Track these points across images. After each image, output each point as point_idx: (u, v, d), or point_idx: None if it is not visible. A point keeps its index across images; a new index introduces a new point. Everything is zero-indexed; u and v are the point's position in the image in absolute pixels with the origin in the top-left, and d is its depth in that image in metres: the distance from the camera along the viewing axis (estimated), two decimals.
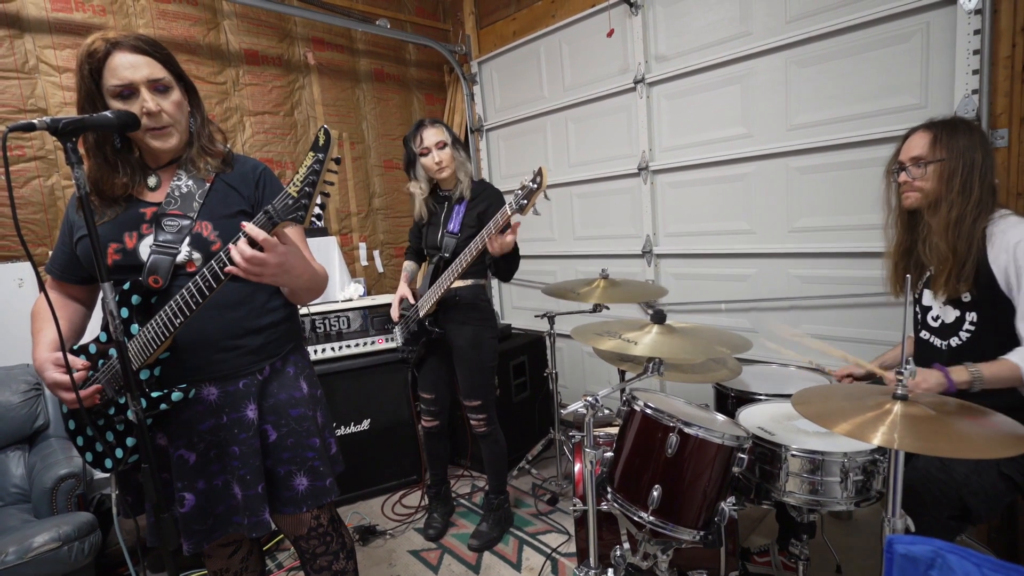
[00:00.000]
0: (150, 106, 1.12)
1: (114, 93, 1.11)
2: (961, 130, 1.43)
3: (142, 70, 1.11)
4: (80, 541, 1.73)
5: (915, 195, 1.48)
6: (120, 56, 1.10)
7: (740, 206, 2.54)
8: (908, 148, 1.50)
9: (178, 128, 1.19)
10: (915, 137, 1.49)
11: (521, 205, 1.67)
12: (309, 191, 1.00)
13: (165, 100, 1.15)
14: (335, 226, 3.41)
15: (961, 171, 1.40)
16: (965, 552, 0.76)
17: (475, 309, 2.12)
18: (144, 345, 1.13)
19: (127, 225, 1.18)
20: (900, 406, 1.04)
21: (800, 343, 1.69)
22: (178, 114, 1.18)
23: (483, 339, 2.13)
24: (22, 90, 2.35)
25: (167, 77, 1.15)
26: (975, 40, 1.83)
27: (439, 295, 2.02)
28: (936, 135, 1.44)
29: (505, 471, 2.33)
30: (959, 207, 1.39)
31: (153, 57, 1.14)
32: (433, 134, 2.02)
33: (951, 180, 1.41)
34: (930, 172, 1.44)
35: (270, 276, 1.07)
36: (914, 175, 1.47)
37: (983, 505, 1.33)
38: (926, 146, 1.45)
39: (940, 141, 1.43)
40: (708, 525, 1.34)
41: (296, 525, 1.34)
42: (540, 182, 1.63)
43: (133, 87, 1.11)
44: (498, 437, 2.24)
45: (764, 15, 2.34)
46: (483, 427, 2.19)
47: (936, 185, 1.44)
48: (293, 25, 3.16)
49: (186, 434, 1.21)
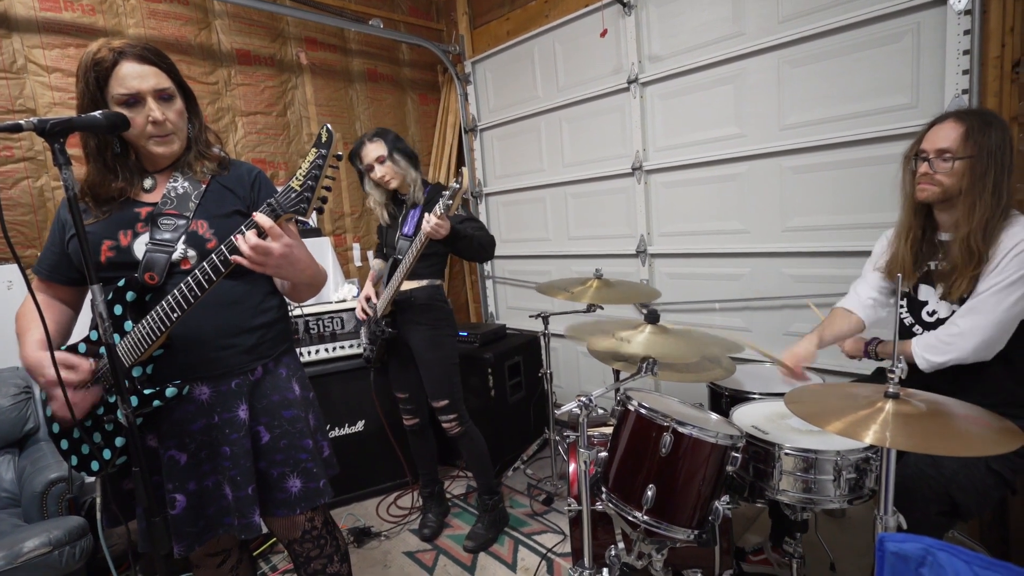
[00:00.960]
0: (156, 115, 1.14)
1: (120, 101, 1.12)
2: (995, 126, 1.32)
3: (149, 80, 1.13)
4: (71, 546, 1.71)
5: (933, 188, 1.38)
6: (128, 66, 1.12)
7: (734, 206, 2.55)
8: (934, 138, 1.37)
9: (179, 135, 1.22)
10: (944, 127, 1.36)
11: (448, 205, 1.75)
12: (312, 185, 1.04)
13: (169, 109, 1.18)
14: (329, 227, 3.40)
15: (994, 171, 1.30)
16: (955, 550, 0.76)
17: (430, 310, 2.13)
18: (138, 341, 1.13)
19: (122, 223, 1.18)
20: (892, 404, 1.05)
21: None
22: (180, 122, 1.21)
23: (441, 338, 2.14)
24: (10, 90, 2.33)
25: (171, 87, 1.18)
26: (965, 40, 1.85)
27: (391, 295, 2.06)
28: (969, 129, 1.32)
29: (490, 468, 2.29)
30: (989, 210, 1.30)
31: (159, 67, 1.16)
32: (372, 150, 2.04)
33: (982, 180, 1.31)
34: (956, 168, 1.33)
35: (274, 266, 1.09)
36: (938, 168, 1.36)
37: (972, 501, 1.34)
38: (957, 139, 1.33)
39: (972, 136, 1.31)
40: (702, 524, 1.34)
41: (290, 528, 1.33)
42: (461, 182, 1.72)
43: (140, 96, 1.13)
44: (474, 435, 2.22)
45: (757, 15, 2.35)
46: (456, 427, 2.17)
47: (959, 182, 1.34)
48: (285, 25, 3.15)
49: (177, 434, 1.20)
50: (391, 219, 2.17)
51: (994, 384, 1.40)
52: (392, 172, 2.05)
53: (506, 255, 3.75)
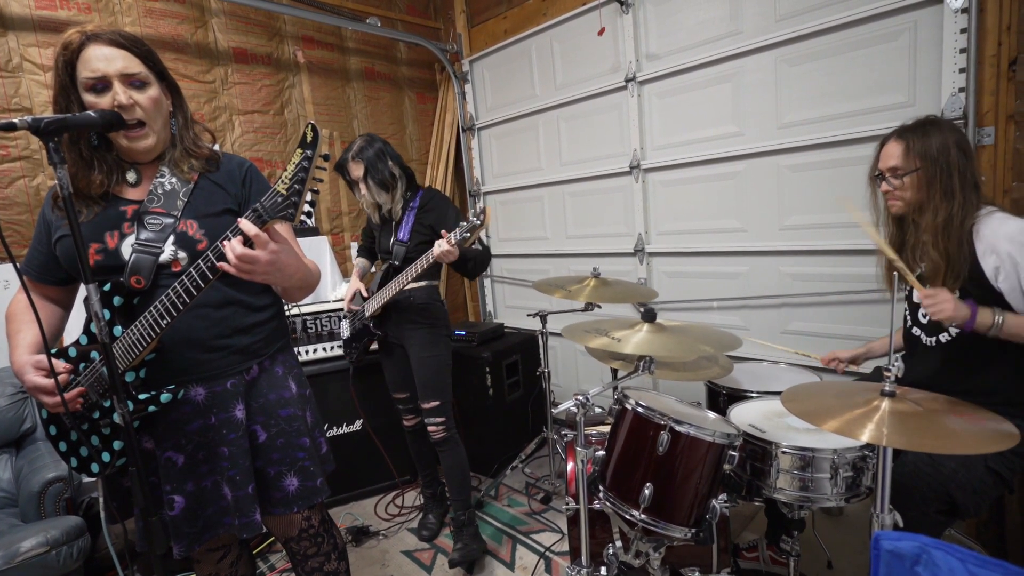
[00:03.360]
0: (121, 98, 1.08)
1: (87, 86, 1.08)
2: (932, 132, 1.41)
3: (116, 63, 1.08)
4: (68, 545, 1.71)
5: (898, 203, 1.49)
6: (95, 48, 1.07)
7: (731, 204, 2.55)
8: (884, 158, 1.49)
9: (154, 128, 1.15)
10: (888, 147, 1.49)
11: (464, 238, 1.76)
12: (299, 188, 0.99)
13: (140, 95, 1.11)
14: (326, 226, 3.40)
15: (939, 176, 1.39)
16: (950, 548, 0.76)
17: (428, 310, 2.14)
18: (129, 347, 1.11)
19: (108, 224, 1.15)
20: (888, 403, 1.05)
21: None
22: (154, 111, 1.14)
23: (438, 338, 2.14)
24: (6, 89, 2.32)
25: (143, 72, 1.12)
26: (962, 39, 1.85)
27: (386, 299, 2.06)
28: (908, 144, 1.43)
29: (469, 482, 2.19)
30: (945, 211, 1.38)
31: (130, 51, 1.10)
32: (353, 169, 2.05)
33: (931, 187, 1.40)
34: (907, 182, 1.44)
35: (262, 274, 1.06)
36: (893, 185, 1.47)
37: (970, 500, 1.34)
38: (899, 156, 1.44)
39: (912, 149, 1.42)
40: (700, 522, 1.34)
41: (287, 526, 1.33)
42: (483, 220, 1.73)
43: (106, 80, 1.08)
44: (458, 443, 2.15)
45: (754, 14, 2.35)
46: (442, 431, 2.11)
47: (916, 194, 1.44)
48: (282, 23, 3.14)
49: (174, 436, 1.19)
50: (383, 222, 2.17)
51: (996, 383, 1.41)
52: (368, 196, 2.06)
53: (504, 254, 3.75)
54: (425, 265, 1.87)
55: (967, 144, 1.42)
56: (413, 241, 2.07)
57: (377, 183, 2.03)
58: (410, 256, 2.02)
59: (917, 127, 1.45)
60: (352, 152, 2.05)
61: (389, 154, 2.06)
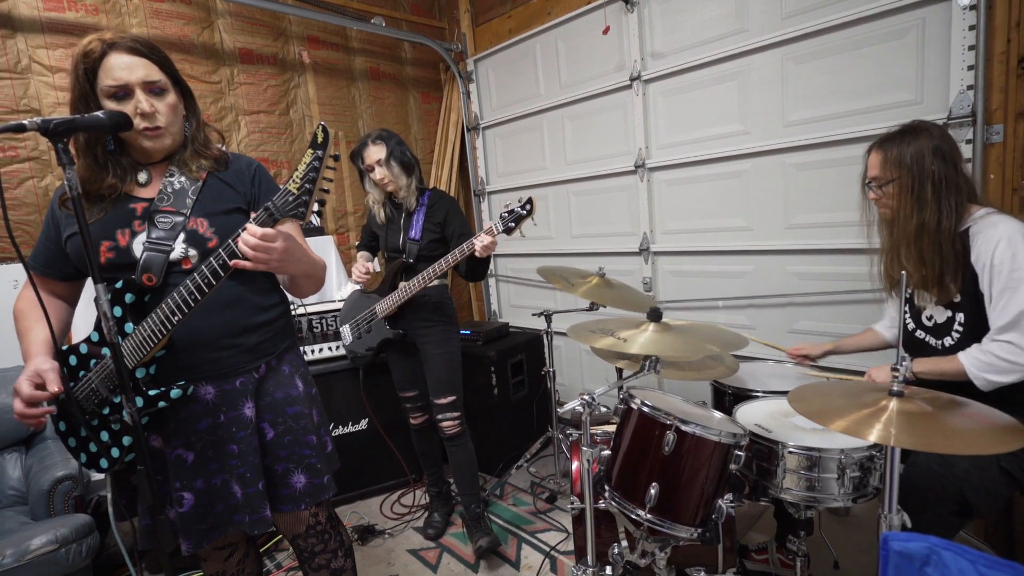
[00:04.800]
0: (144, 106, 1.11)
1: (108, 94, 1.11)
2: (909, 140, 1.42)
3: (137, 71, 1.11)
4: (77, 543, 1.72)
5: (886, 210, 1.52)
6: (116, 57, 1.10)
7: (737, 203, 2.54)
8: (868, 168, 1.53)
9: (171, 130, 1.19)
10: (871, 157, 1.51)
11: (508, 227, 1.78)
12: (309, 188, 1.02)
13: (160, 102, 1.15)
14: (332, 225, 3.41)
15: (912, 184, 1.41)
16: (960, 549, 0.76)
17: (441, 308, 2.16)
18: (140, 343, 1.12)
19: (119, 222, 1.17)
20: (896, 403, 1.04)
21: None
22: (172, 116, 1.18)
23: (450, 335, 2.17)
24: (15, 90, 2.34)
25: (163, 79, 1.15)
26: (970, 36, 1.83)
27: (403, 299, 2.05)
28: (885, 155, 1.46)
29: (477, 477, 2.24)
30: (916, 219, 1.41)
31: (149, 59, 1.13)
32: (373, 152, 2.06)
33: (910, 194, 1.42)
34: (888, 191, 1.47)
35: (277, 261, 1.09)
36: (877, 194, 1.50)
37: (984, 500, 1.34)
38: (879, 166, 1.47)
39: (889, 159, 1.45)
40: (705, 522, 1.34)
41: (294, 523, 1.34)
42: (530, 209, 1.74)
43: (128, 88, 1.11)
44: (469, 439, 2.20)
45: (760, 11, 2.34)
46: (457, 427, 2.15)
47: (899, 202, 1.46)
48: (288, 24, 3.15)
49: (183, 434, 1.20)
50: (388, 220, 2.18)
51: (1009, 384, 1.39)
52: (388, 176, 2.07)
53: (509, 253, 3.75)
54: (457, 259, 1.88)
55: (949, 148, 1.41)
56: (425, 239, 2.08)
57: (400, 163, 2.06)
58: (423, 254, 2.04)
59: (896, 136, 1.46)
60: (372, 136, 2.08)
61: (405, 144, 2.12)
